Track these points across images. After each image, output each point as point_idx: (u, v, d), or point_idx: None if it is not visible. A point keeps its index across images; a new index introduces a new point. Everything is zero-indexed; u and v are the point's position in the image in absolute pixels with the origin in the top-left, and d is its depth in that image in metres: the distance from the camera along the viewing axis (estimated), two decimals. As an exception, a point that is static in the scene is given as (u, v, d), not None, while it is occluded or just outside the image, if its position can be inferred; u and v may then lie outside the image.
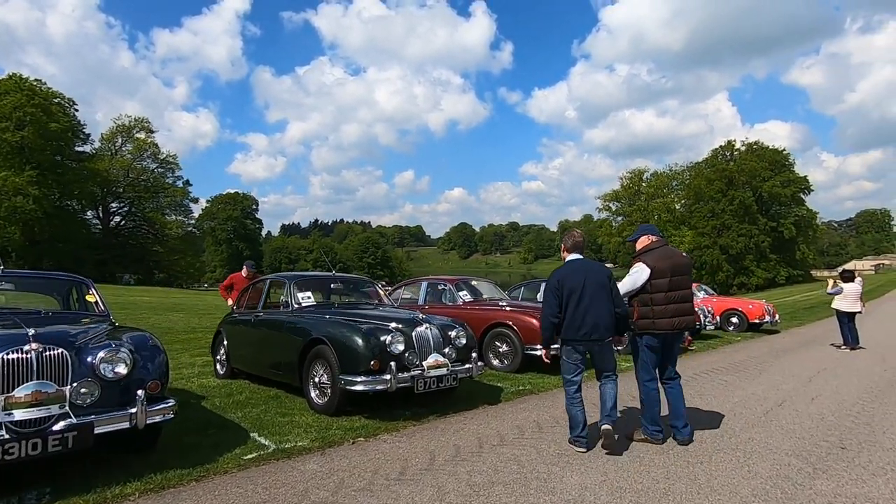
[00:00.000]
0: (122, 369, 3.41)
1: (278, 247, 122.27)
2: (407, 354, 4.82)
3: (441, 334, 5.20)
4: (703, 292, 15.16)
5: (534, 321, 7.04)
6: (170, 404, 3.57)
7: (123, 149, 67.29)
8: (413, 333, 4.98)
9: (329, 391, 4.86)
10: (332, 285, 6.48)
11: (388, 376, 4.58)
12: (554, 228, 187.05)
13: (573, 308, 3.98)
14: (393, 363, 4.62)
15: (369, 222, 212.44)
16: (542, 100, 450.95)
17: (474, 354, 5.32)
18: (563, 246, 4.46)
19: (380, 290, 6.79)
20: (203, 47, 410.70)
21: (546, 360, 4.47)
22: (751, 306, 14.00)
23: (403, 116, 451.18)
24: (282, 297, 6.02)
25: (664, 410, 4.35)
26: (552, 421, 4.91)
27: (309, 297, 5.89)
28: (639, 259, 4.24)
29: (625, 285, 4.23)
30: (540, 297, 10.68)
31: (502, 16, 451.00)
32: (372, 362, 4.62)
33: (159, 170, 69.19)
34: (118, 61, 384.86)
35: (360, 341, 4.69)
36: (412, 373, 4.77)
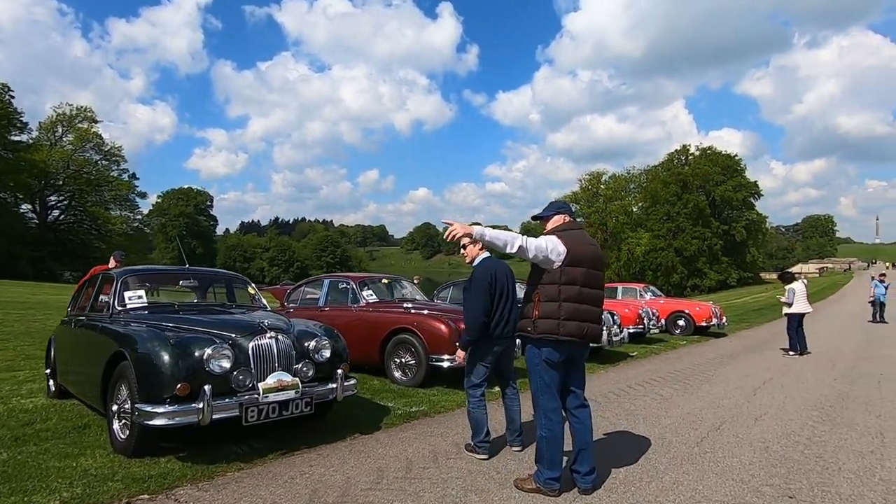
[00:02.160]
0: None
1: (233, 244, 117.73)
2: (236, 374, 3.60)
3: (295, 346, 4.00)
4: (650, 294, 14.51)
5: (441, 326, 5.93)
6: None
7: (64, 139, 63.13)
8: (250, 345, 3.76)
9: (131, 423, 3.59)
10: (181, 282, 5.17)
11: (199, 404, 3.35)
12: (517, 230, 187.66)
13: (497, 306, 3.81)
14: (208, 387, 3.39)
15: (332, 221, 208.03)
16: (506, 103, 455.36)
17: (340, 371, 4.13)
18: (475, 244, 3.91)
19: (251, 290, 5.52)
20: (162, 39, 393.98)
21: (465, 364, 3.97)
22: (698, 308, 13.40)
23: (369, 115, 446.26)
24: (102, 297, 4.69)
25: (567, 446, 3.29)
26: (430, 457, 3.78)
27: (139, 298, 4.57)
28: (552, 235, 3.15)
29: (534, 245, 3.01)
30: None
31: (469, 18, 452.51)
32: (179, 385, 3.38)
33: (103, 162, 65.47)
34: (71, 50, 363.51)
35: (164, 357, 3.44)
36: (242, 398, 3.55)
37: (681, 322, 13.31)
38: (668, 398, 5.95)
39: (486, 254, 3.98)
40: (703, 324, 13.07)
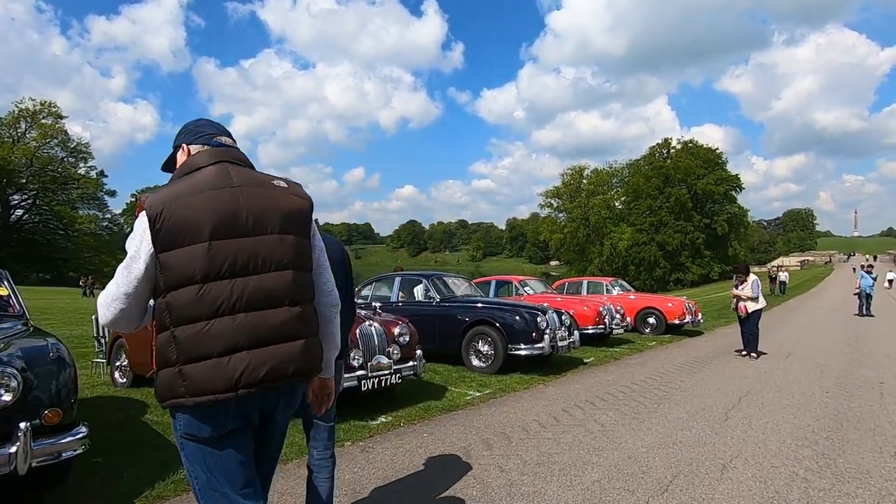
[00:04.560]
0: None
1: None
2: None
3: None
4: (618, 288, 13.02)
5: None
6: None
7: (28, 135, 60.21)
8: None
9: None
10: None
11: None
12: (503, 227, 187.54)
13: None
14: None
15: (317, 220, 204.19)
16: (491, 100, 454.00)
17: (24, 426, 2.45)
18: None
19: (2, 290, 3.83)
20: (143, 37, 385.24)
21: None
22: (670, 304, 11.91)
23: (354, 113, 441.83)
24: None
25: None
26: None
27: None
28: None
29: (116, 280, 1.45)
30: (394, 294, 8.01)
31: (453, 16, 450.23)
32: None
33: (69, 159, 62.69)
34: (49, 48, 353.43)
35: None
36: None
37: (651, 320, 11.81)
38: (608, 430, 4.37)
39: None
40: (676, 322, 11.58)
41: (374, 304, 5.50)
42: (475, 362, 6.91)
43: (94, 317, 7.57)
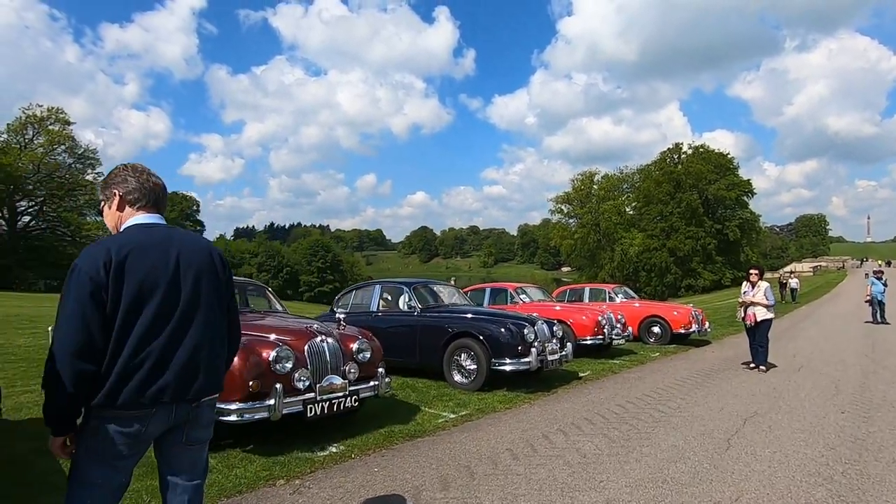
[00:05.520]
0: None
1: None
2: None
3: None
4: (621, 296, 12.43)
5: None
6: None
7: (35, 141, 60.80)
8: None
9: None
10: None
11: None
12: (514, 233, 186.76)
13: (133, 330, 1.71)
14: None
15: (328, 226, 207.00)
16: (502, 106, 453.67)
17: None
18: (115, 193, 1.92)
19: None
20: (156, 44, 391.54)
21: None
22: (675, 313, 11.28)
23: (365, 120, 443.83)
24: None
25: None
26: None
27: None
28: None
29: None
30: (373, 304, 7.52)
31: (465, 23, 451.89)
32: None
33: (77, 165, 63.14)
34: (62, 56, 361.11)
35: None
36: None
37: (655, 329, 11.19)
38: (590, 462, 3.82)
39: (142, 217, 1.90)
40: (682, 331, 10.96)
41: (337, 315, 5.01)
42: (457, 378, 6.38)
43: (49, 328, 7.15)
